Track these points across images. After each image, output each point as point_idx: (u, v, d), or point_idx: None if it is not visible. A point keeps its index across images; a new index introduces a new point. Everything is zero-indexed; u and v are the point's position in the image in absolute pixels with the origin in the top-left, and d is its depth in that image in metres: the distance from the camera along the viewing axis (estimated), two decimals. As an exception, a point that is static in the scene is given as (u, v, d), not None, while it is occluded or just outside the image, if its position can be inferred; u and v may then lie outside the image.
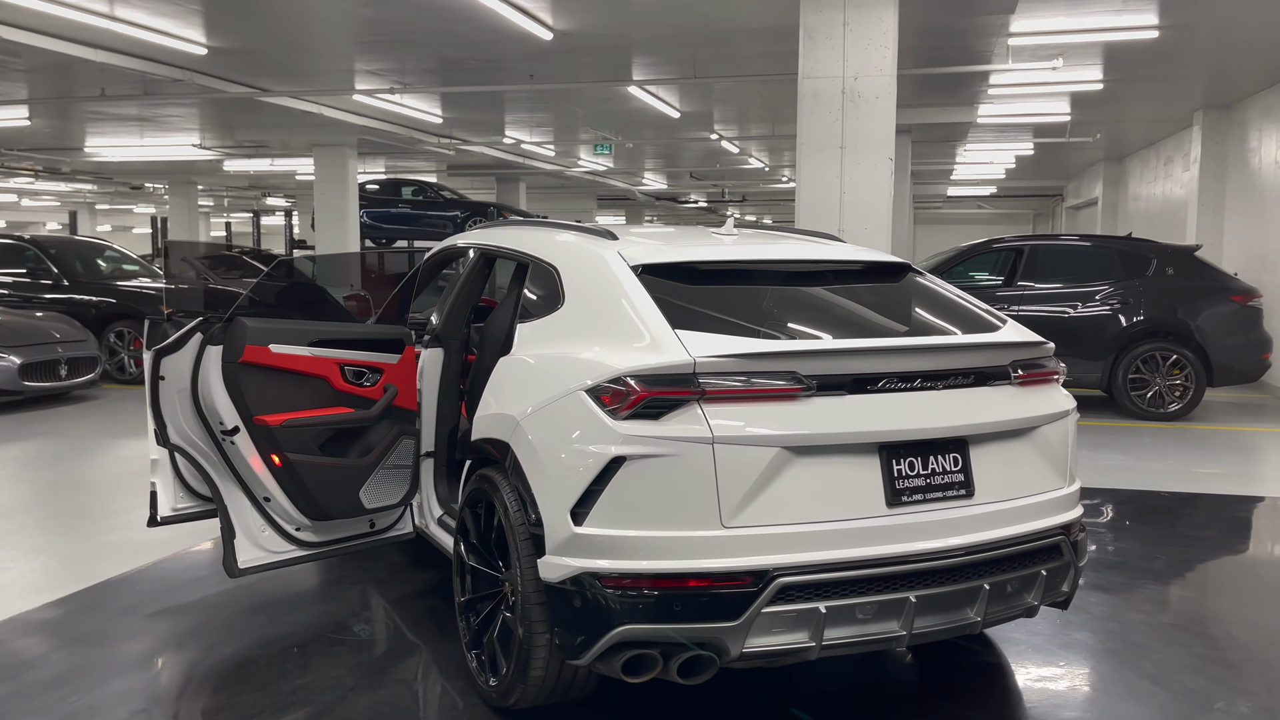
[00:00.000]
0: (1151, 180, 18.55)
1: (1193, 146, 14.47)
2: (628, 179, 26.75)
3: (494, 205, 22.32)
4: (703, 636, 2.84)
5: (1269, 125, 12.36)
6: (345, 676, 3.74)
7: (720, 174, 25.41)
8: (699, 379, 2.89)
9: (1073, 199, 25.74)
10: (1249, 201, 13.02)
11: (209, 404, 3.90)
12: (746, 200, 31.99)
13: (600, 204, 31.90)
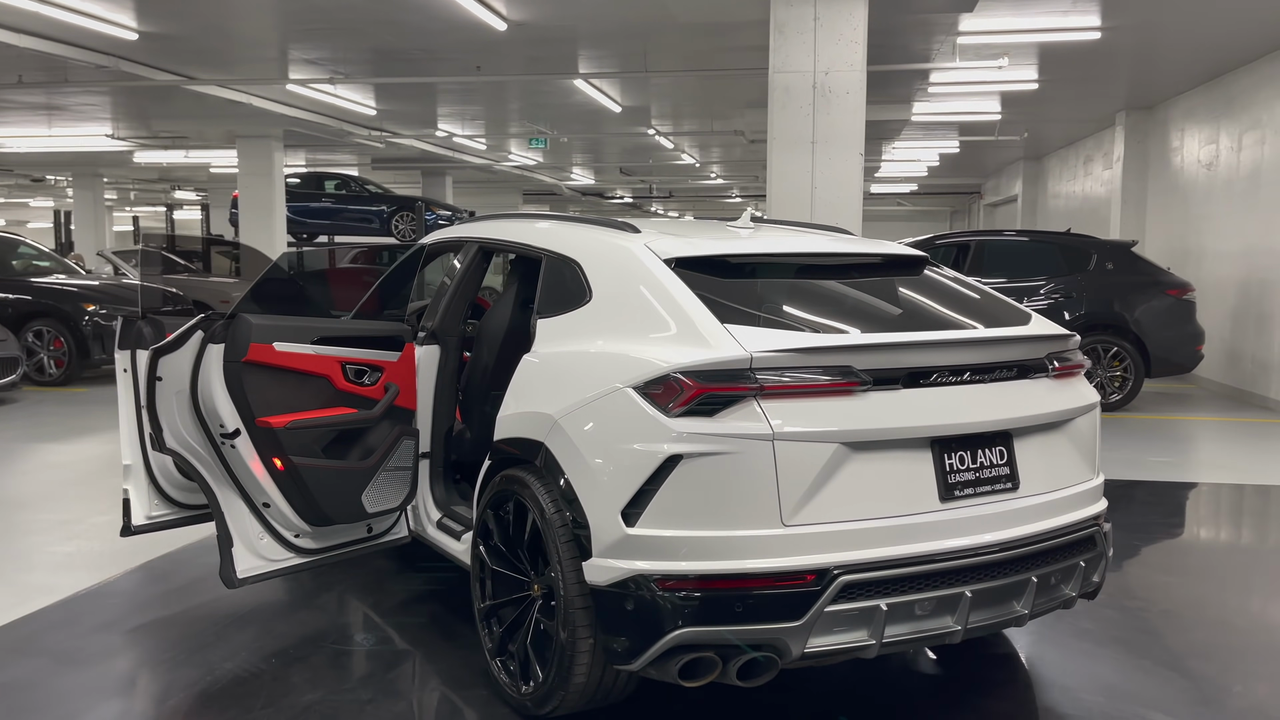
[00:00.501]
0: (1071, 178, 19.14)
1: (1115, 146, 14.96)
2: (556, 174, 26.55)
3: (421, 200, 21.92)
4: (764, 638, 2.78)
5: (1191, 126, 12.83)
6: (358, 689, 3.58)
7: (649, 169, 25.41)
8: (756, 374, 2.83)
9: (991, 196, 26.41)
10: (1170, 199, 13.51)
11: (209, 406, 3.68)
12: (673, 196, 32.05)
13: (525, 199, 31.59)
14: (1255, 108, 10.81)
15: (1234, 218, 11.38)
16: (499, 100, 14.30)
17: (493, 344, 4.46)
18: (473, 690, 3.55)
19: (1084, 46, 10.17)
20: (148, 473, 4.51)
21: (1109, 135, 16.08)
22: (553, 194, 30.83)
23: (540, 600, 3.31)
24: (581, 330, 3.38)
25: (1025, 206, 22.03)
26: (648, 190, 29.71)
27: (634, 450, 2.88)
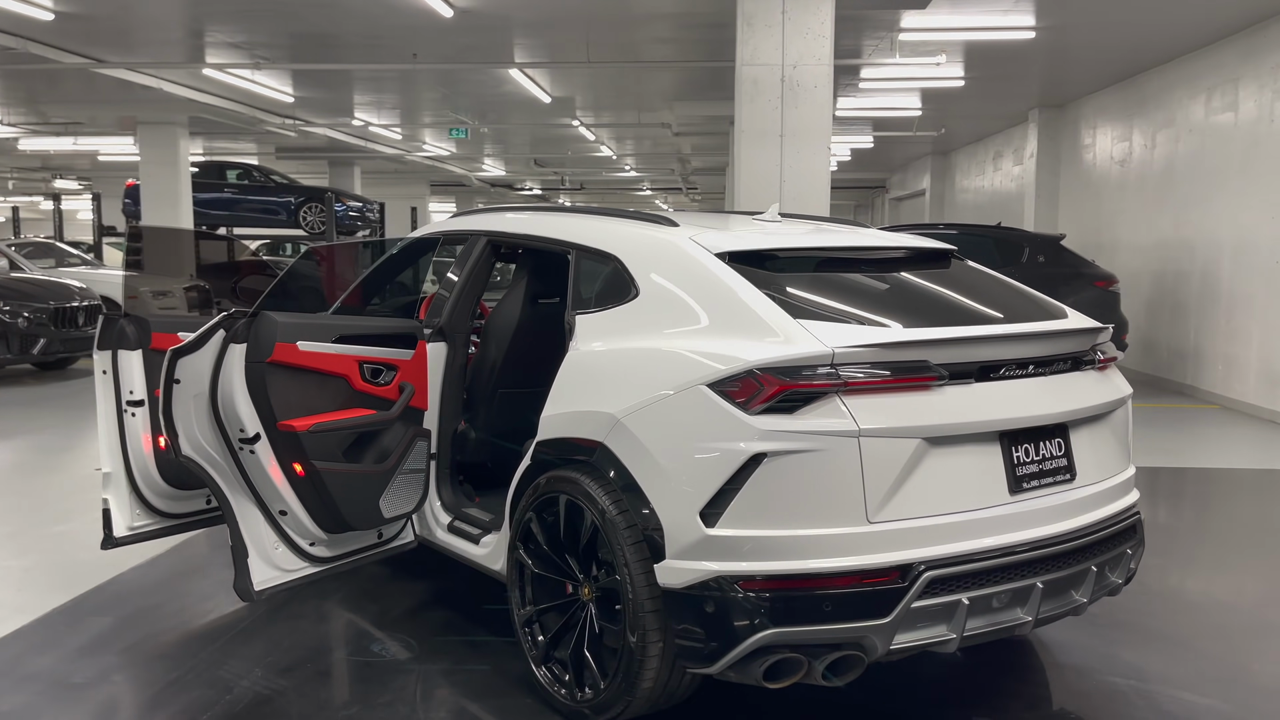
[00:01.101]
0: (979, 174, 19.74)
1: (1028, 142, 15.48)
2: (467, 165, 26.14)
3: (331, 190, 21.28)
4: (852, 636, 2.76)
5: (1103, 123, 13.36)
6: (394, 702, 3.43)
7: (563, 161, 25.24)
8: (839, 370, 2.79)
9: (897, 190, 27.07)
10: (1083, 193, 14.06)
11: (229, 409, 3.46)
12: (584, 188, 31.91)
13: (433, 190, 31.03)
14: (1169, 107, 11.31)
15: (1147, 212, 11.89)
16: (426, 89, 13.96)
17: (501, 340, 4.34)
18: (515, 699, 3.43)
19: (1010, 45, 10.48)
20: (129, 481, 4.25)
21: (1019, 132, 16.64)
22: (461, 185, 30.35)
23: (593, 604, 3.23)
24: (630, 326, 3.30)
25: (933, 201, 22.64)
26: (559, 182, 29.49)
27: (713, 449, 2.82)
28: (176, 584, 4.66)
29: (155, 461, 4.29)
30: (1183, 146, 10.98)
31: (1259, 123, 9.43)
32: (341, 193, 21.84)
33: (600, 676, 3.14)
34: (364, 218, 22.44)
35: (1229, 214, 9.91)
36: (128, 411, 4.23)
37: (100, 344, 4.21)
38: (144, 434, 4.26)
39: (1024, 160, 16.14)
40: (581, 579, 3.27)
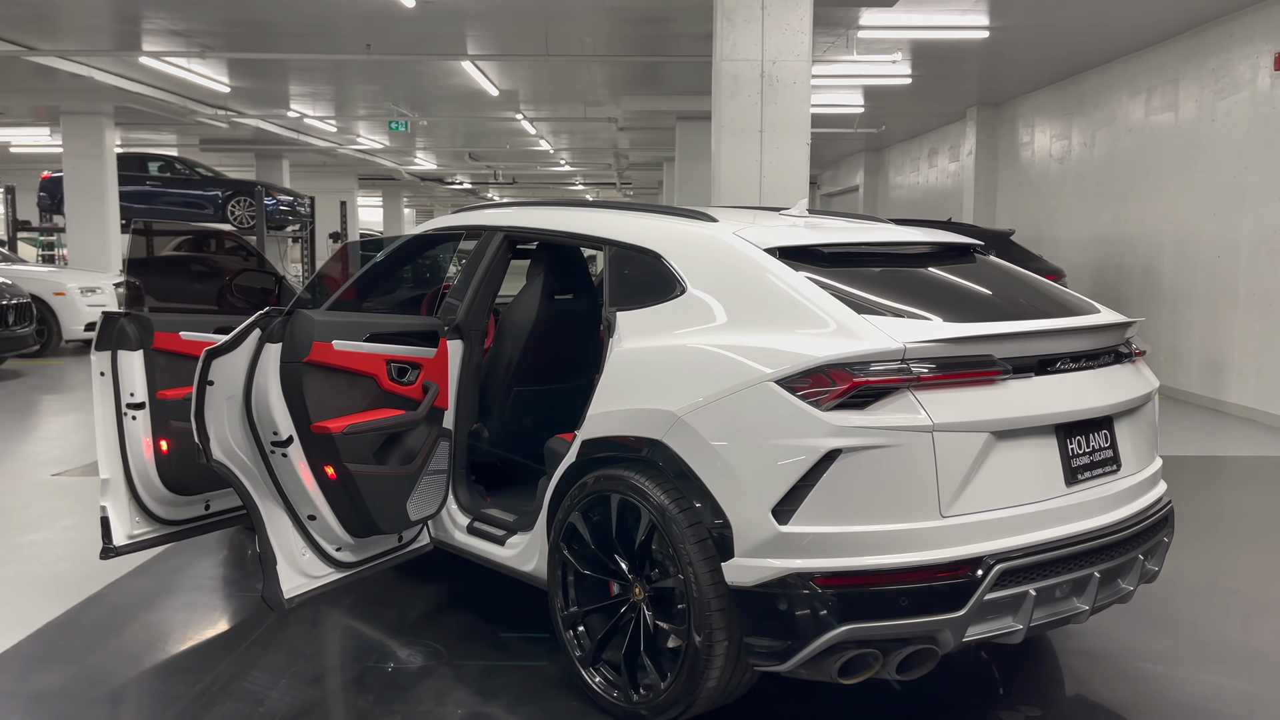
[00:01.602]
0: (913, 170, 20.12)
1: (966, 139, 15.82)
2: (399, 158, 25.69)
3: (261, 184, 20.68)
4: (927, 630, 2.77)
5: (1041, 121, 13.73)
6: (439, 708, 3.34)
7: (503, 154, 24.97)
8: (910, 365, 2.81)
9: (829, 186, 27.44)
10: (1021, 189, 14.43)
11: (263, 411, 3.33)
12: (517, 182, 31.63)
13: (361, 184, 30.41)
14: (1109, 106, 11.67)
15: (1087, 208, 12.26)
16: (370, 80, 13.65)
17: (517, 338, 4.26)
18: (562, 701, 3.38)
19: (960, 44, 10.69)
20: (129, 487, 4.08)
21: (956, 129, 17.00)
22: (391, 179, 29.82)
23: (645, 604, 3.19)
24: (678, 322, 3.26)
25: (867, 196, 23.00)
26: (492, 176, 29.17)
27: (786, 446, 2.80)
28: (173, 593, 4.48)
29: (156, 466, 4.13)
30: (1123, 145, 11.34)
31: (1199, 122, 9.78)
32: (272, 186, 21.24)
33: (659, 677, 3.10)
34: (295, 212, 21.91)
35: (1170, 210, 10.27)
36: (128, 415, 4.06)
37: (99, 344, 4.03)
38: (145, 438, 4.10)
39: (960, 157, 16.50)
40: (632, 579, 3.24)
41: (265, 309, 3.40)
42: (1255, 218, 8.91)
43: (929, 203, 18.50)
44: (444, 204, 44.51)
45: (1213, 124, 9.55)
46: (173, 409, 4.11)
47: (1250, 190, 8.97)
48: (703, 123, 15.57)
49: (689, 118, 15.25)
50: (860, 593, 2.76)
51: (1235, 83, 9.19)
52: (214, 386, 3.33)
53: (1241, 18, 9.06)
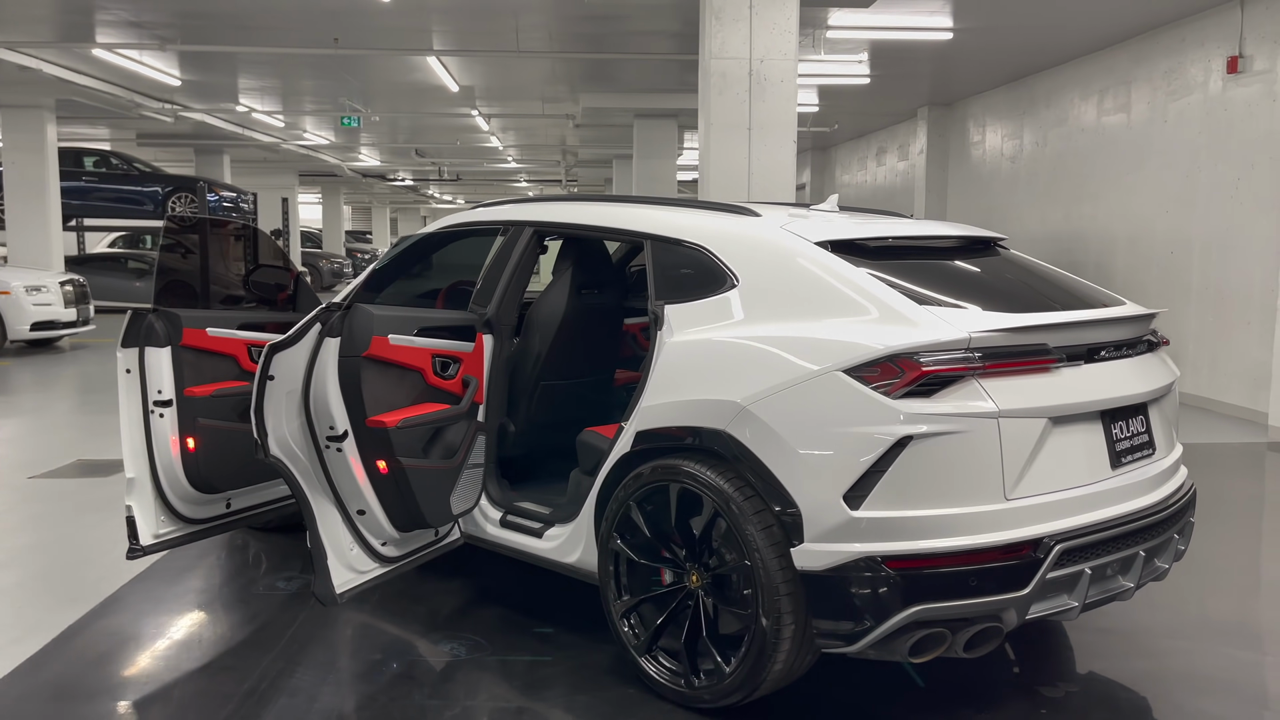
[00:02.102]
0: (860, 168, 20.46)
1: (917, 138, 16.16)
2: (343, 154, 25.31)
3: (204, 180, 20.26)
4: (994, 609, 2.88)
5: (992, 121, 14.09)
6: (499, 699, 3.36)
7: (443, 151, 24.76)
8: (976, 354, 2.91)
9: (774, 184, 27.77)
10: (972, 187, 14.80)
11: (321, 406, 3.31)
12: (461, 179, 31.38)
13: (302, 180, 29.88)
14: (1061, 107, 12.03)
15: (1039, 205, 12.63)
16: (326, 75, 13.45)
17: (546, 332, 4.28)
18: (617, 690, 3.42)
19: (923, 45, 10.93)
20: (155, 486, 4.02)
21: (904, 128, 17.35)
22: (332, 175, 29.35)
23: (702, 591, 3.25)
24: (732, 315, 3.33)
25: (813, 194, 23.31)
26: (436, 173, 28.91)
27: (857, 433, 2.88)
28: (189, 593, 4.42)
29: (183, 465, 4.07)
30: (1076, 144, 11.70)
31: (1151, 123, 10.15)
32: (214, 182, 20.83)
33: (723, 662, 3.16)
34: (238, 208, 21.50)
35: (1124, 208, 10.63)
36: (154, 412, 4.00)
37: (125, 340, 3.96)
38: (172, 436, 4.04)
39: (910, 156, 16.85)
40: (689, 567, 3.29)
41: (325, 304, 3.38)
42: (1207, 215, 9.28)
43: (877, 200, 18.83)
44: (383, 201, 43.97)
45: (1165, 124, 9.91)
46: (200, 406, 4.06)
47: (1202, 189, 9.34)
48: (662, 120, 15.72)
49: (647, 115, 15.34)
50: (930, 574, 2.86)
51: (1187, 85, 9.56)
52: (274, 381, 3.30)
53: (1194, 22, 9.42)
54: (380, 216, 45.19)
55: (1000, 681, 3.59)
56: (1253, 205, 8.64)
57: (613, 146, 21.85)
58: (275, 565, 4.71)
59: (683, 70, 12.81)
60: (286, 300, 4.66)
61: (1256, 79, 8.57)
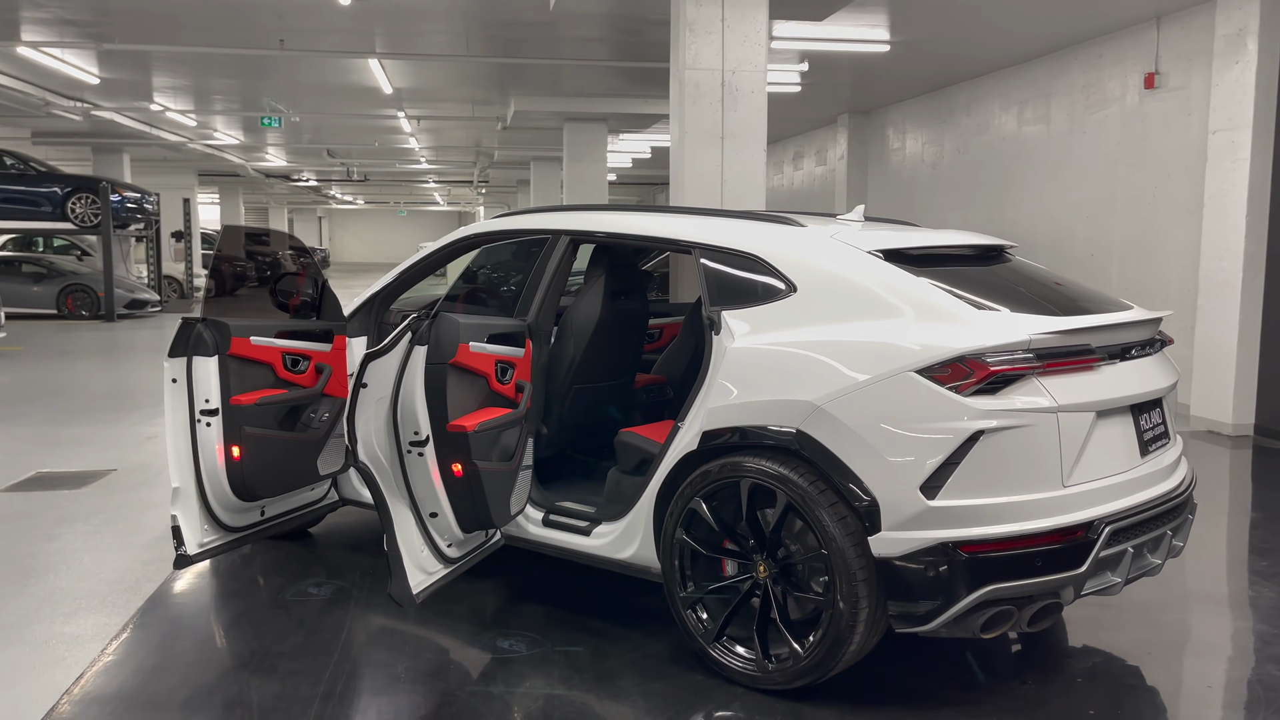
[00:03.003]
0: (777, 172, 20.99)
1: (838, 144, 16.71)
2: (248, 154, 24.68)
3: (106, 180, 19.50)
4: (1056, 586, 3.16)
5: (912, 128, 14.70)
6: (575, 690, 3.50)
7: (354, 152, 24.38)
8: (1036, 354, 3.19)
9: (686, 186, 28.20)
10: (893, 191, 15.40)
11: (408, 411, 3.39)
12: (369, 179, 30.89)
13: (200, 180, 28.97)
14: (982, 116, 12.66)
15: (960, 209, 13.24)
16: (255, 75, 13.18)
17: (580, 337, 4.43)
18: (688, 676, 3.59)
19: (853, 56, 11.36)
20: (200, 495, 4.03)
21: (822, 134, 17.91)
22: (235, 175, 28.56)
23: (769, 581, 3.45)
24: (792, 320, 3.53)
25: (728, 196, 23.77)
26: (345, 173, 28.40)
27: (932, 429, 3.13)
28: (221, 598, 4.41)
29: (227, 473, 4.08)
30: (997, 152, 12.33)
31: (1071, 133, 10.79)
32: (117, 183, 20.06)
33: (798, 646, 3.37)
34: (142, 209, 20.77)
35: (1045, 212, 11.27)
36: (201, 421, 4.00)
37: (173, 350, 3.95)
38: (218, 445, 4.04)
39: (829, 161, 17.40)
40: (757, 558, 3.49)
41: (416, 313, 3.46)
42: (1125, 220, 9.94)
43: (794, 204, 19.36)
44: (280, 201, 42.91)
45: (1084, 135, 10.56)
46: (246, 415, 4.07)
47: (1121, 196, 10.00)
48: (592, 123, 15.87)
49: (578, 119, 15.47)
50: (999, 557, 3.12)
51: (1106, 98, 10.21)
52: (367, 389, 3.37)
53: (1112, 39, 10.07)
54: (277, 217, 44.08)
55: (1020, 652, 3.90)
56: (1169, 212, 9.30)
57: (532, 148, 21.91)
58: (296, 573, 4.72)
59: (611, 75, 13.01)
60: (308, 307, 4.67)
61: (1172, 94, 9.24)
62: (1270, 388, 8.12)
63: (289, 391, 4.27)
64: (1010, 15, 9.40)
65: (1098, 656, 3.89)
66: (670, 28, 7.45)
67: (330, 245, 52.96)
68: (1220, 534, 5.55)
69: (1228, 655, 3.95)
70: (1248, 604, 4.46)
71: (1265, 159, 7.97)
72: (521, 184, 30.44)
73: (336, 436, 4.50)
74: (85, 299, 19.05)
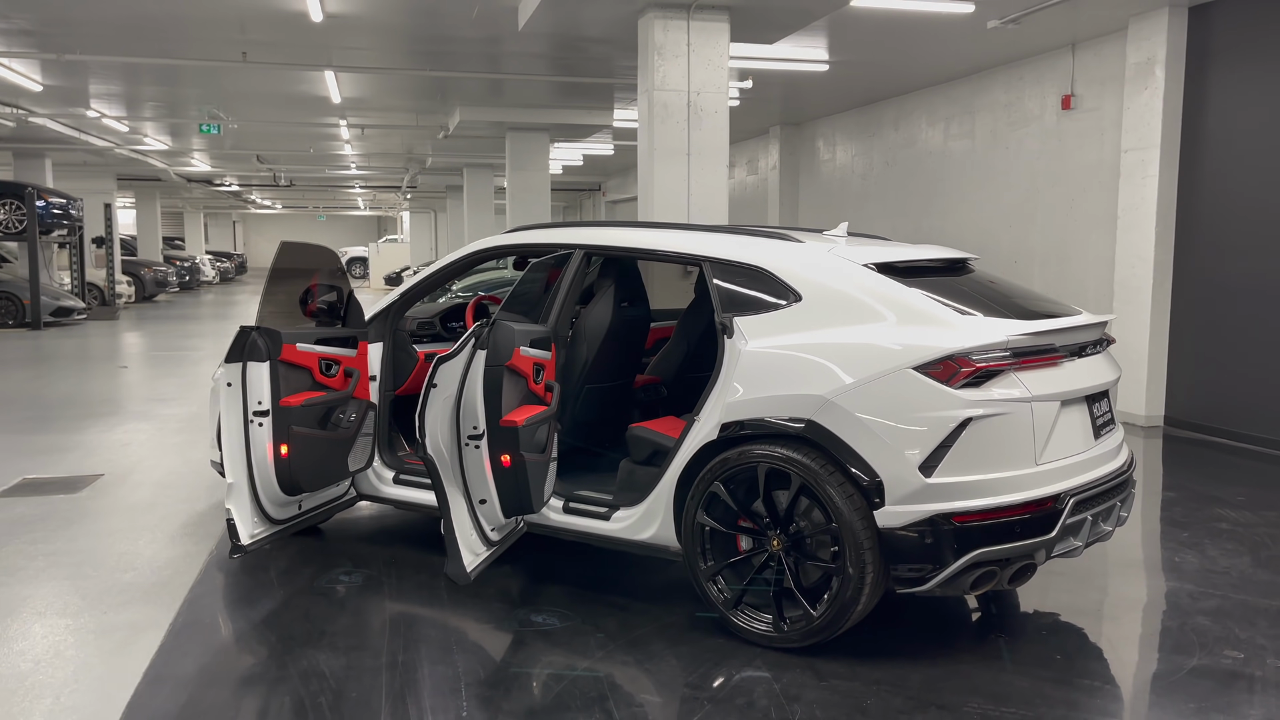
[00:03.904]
0: (707, 180, 21.58)
1: (770, 154, 17.40)
2: (173, 159, 24.33)
3: (31, 186, 19.15)
4: (1031, 549, 3.73)
5: (842, 140, 15.45)
6: (619, 655, 3.94)
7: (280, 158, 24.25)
8: (1013, 352, 3.75)
9: (615, 194, 28.70)
10: (823, 199, 16.13)
11: (470, 408, 3.80)
12: (294, 185, 30.63)
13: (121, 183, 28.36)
14: (909, 130, 13.44)
15: (889, 218, 14.01)
16: (204, 83, 13.22)
17: (592, 341, 4.88)
18: (711, 640, 4.07)
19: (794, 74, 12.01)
20: (251, 491, 4.37)
21: (752, 144, 18.59)
22: (157, 180, 28.07)
23: (783, 553, 3.95)
24: (798, 324, 4.05)
25: (658, 204, 24.34)
26: (271, 178, 28.16)
27: (928, 417, 3.67)
28: (257, 590, 4.72)
29: (275, 470, 4.42)
30: (924, 164, 13.12)
31: (994, 149, 11.60)
32: (42, 188, 19.73)
33: (810, 608, 3.88)
34: (67, 215, 20.46)
35: (971, 222, 12.07)
36: (254, 421, 4.34)
37: (230, 356, 4.28)
38: (268, 443, 4.38)
39: (760, 170, 18.09)
40: (772, 533, 3.99)
41: (481, 322, 3.87)
42: (1046, 230, 10.76)
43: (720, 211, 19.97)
44: (196, 206, 42.11)
45: (1007, 150, 11.37)
46: (294, 415, 4.41)
47: (1041, 207, 10.82)
48: (535, 133, 16.23)
49: (521, 129, 15.84)
50: (985, 525, 3.68)
51: (1026, 117, 11.03)
52: (436, 389, 3.77)
53: (1031, 63, 10.89)
54: (193, 222, 43.21)
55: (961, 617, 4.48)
56: (1086, 222, 10.13)
57: (466, 155, 22.13)
58: (322, 564, 5.03)
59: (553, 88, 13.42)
60: (333, 314, 4.99)
61: (1087, 115, 10.07)
62: (1177, 383, 8.97)
63: (326, 394, 4.62)
64: (938, 40, 10.12)
65: (1056, 615, 4.49)
66: (639, 51, 7.93)
67: (246, 250, 52.06)
68: (1145, 511, 6.25)
69: (1163, 610, 4.59)
70: (1175, 569, 5.12)
71: (1171, 176, 8.82)
72: (451, 189, 30.55)
73: (364, 435, 4.87)
74: (10, 307, 18.69)
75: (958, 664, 3.92)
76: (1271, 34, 8.00)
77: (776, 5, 7.53)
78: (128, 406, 9.86)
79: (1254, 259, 8.21)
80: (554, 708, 3.52)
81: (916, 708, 3.52)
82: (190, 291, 32.11)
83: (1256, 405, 8.23)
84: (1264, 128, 8.09)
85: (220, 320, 21.12)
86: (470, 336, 3.86)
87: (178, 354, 14.56)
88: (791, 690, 3.65)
